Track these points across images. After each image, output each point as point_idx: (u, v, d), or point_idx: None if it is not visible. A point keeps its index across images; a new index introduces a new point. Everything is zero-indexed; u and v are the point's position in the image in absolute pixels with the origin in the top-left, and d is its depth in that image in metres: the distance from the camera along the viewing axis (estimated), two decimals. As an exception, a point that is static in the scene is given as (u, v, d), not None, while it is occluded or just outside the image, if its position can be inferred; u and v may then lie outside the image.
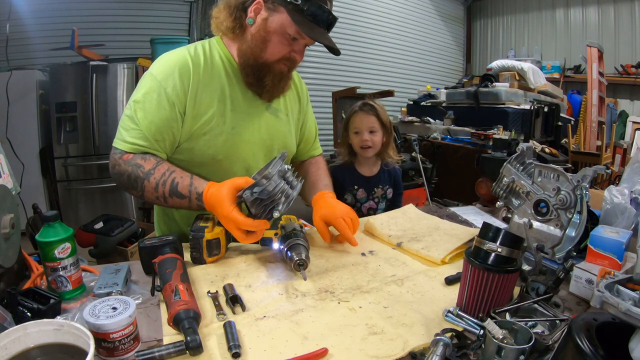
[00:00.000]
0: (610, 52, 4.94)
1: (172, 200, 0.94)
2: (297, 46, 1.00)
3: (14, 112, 3.17)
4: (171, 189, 0.94)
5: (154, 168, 0.95)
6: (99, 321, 0.59)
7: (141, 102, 0.96)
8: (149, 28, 3.94)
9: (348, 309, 0.76)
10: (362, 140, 1.68)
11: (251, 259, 0.97)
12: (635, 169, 1.09)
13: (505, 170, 1.00)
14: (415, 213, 1.30)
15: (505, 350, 0.55)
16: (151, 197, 0.95)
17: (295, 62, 1.03)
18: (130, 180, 0.95)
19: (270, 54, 0.99)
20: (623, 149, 4.47)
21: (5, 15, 3.34)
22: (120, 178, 0.97)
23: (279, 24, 0.96)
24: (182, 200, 0.94)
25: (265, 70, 1.01)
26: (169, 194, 0.94)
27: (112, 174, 0.99)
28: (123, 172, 0.96)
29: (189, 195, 0.93)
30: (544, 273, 0.85)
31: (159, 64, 1.00)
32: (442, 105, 4.75)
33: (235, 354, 0.61)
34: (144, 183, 0.94)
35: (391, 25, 5.61)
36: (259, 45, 0.98)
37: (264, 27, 0.97)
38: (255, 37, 0.98)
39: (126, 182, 0.96)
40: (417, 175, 3.14)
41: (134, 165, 0.95)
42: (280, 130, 1.15)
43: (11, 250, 0.79)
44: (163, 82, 0.96)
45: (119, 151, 0.97)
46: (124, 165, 0.95)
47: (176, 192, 0.93)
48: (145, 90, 0.97)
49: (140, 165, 0.95)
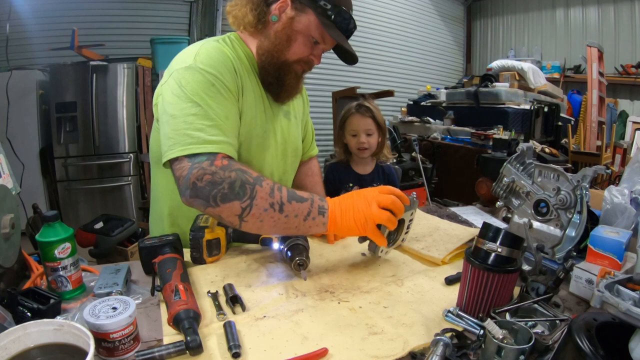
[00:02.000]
0: (610, 52, 4.94)
1: (289, 206, 0.80)
2: (317, 50, 1.00)
3: (14, 112, 3.17)
4: (289, 193, 0.81)
5: (261, 175, 0.82)
6: (99, 321, 0.59)
7: (204, 98, 0.83)
8: (149, 28, 3.94)
9: (348, 309, 0.76)
10: (359, 143, 1.72)
11: (251, 259, 0.97)
12: (635, 169, 1.09)
13: (505, 170, 1.00)
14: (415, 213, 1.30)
15: (505, 350, 0.55)
16: (263, 205, 0.78)
17: (312, 66, 1.03)
18: (234, 188, 0.77)
19: (293, 53, 0.97)
20: (623, 149, 4.47)
21: (5, 15, 3.34)
22: (214, 189, 0.77)
23: (306, 25, 0.94)
24: (302, 205, 0.80)
25: (286, 69, 0.98)
26: (287, 198, 0.80)
27: (198, 188, 0.78)
28: (221, 180, 0.77)
29: (310, 197, 0.82)
30: (544, 273, 0.85)
31: (201, 55, 0.88)
32: (442, 105, 4.75)
33: (235, 354, 0.61)
34: (256, 188, 0.78)
35: (391, 25, 5.61)
36: (283, 43, 0.95)
37: (290, 25, 0.94)
38: (279, 34, 0.95)
39: (225, 192, 0.77)
40: (417, 175, 3.14)
41: (237, 170, 0.79)
42: (292, 134, 1.16)
43: (11, 250, 0.79)
44: (217, 73, 0.87)
45: (204, 157, 0.80)
46: (222, 171, 0.78)
47: (296, 196, 0.81)
48: (200, 85, 0.84)
49: (246, 170, 0.80)
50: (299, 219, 0.80)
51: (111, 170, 3.55)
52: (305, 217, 0.80)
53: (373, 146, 1.73)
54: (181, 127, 0.82)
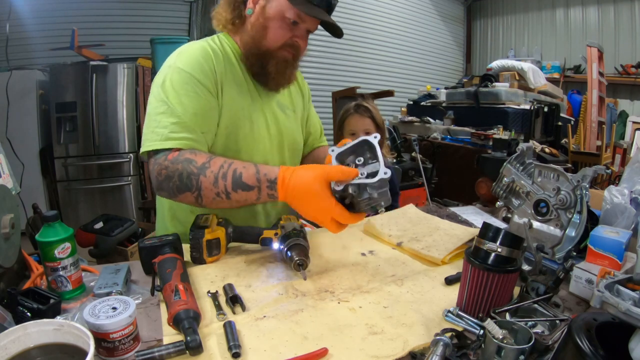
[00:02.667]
0: (610, 52, 4.95)
1: (236, 195, 0.81)
2: (299, 31, 0.98)
3: (14, 112, 3.17)
4: (234, 181, 0.80)
5: (209, 161, 0.83)
6: (99, 321, 0.59)
7: (176, 95, 0.88)
8: (149, 28, 3.94)
9: (348, 309, 0.76)
10: None
11: (251, 259, 0.97)
12: (635, 169, 1.09)
13: (505, 170, 1.00)
14: (415, 213, 1.30)
15: (505, 350, 0.55)
16: (210, 195, 0.82)
17: (299, 49, 1.01)
18: (183, 180, 0.81)
19: (272, 40, 0.97)
20: (623, 149, 4.47)
21: (5, 15, 3.34)
22: (169, 182, 0.83)
23: (277, 9, 0.95)
24: (249, 193, 0.81)
25: (268, 57, 0.99)
26: (232, 187, 0.81)
27: (159, 182, 0.85)
28: (172, 173, 0.82)
29: (258, 185, 0.80)
30: (544, 273, 0.85)
31: (181, 56, 0.95)
32: (442, 105, 4.76)
33: (235, 354, 0.61)
34: (200, 179, 0.81)
35: (391, 25, 5.61)
36: (260, 32, 0.97)
37: (263, 14, 0.96)
38: (254, 25, 0.98)
39: (178, 184, 0.82)
40: (417, 175, 3.14)
41: (183, 161, 0.82)
42: (289, 127, 1.15)
43: (11, 250, 0.79)
44: (193, 72, 0.92)
45: (162, 154, 0.85)
46: (172, 165, 0.82)
47: (241, 184, 0.80)
48: (175, 83, 0.90)
49: (192, 159, 0.82)
50: (249, 202, 0.84)
51: (111, 170, 3.55)
52: (255, 200, 0.83)
53: None
54: (151, 125, 0.89)
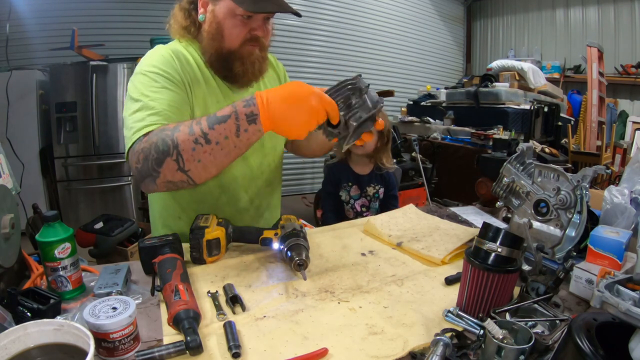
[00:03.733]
0: (610, 52, 4.95)
1: (214, 133, 0.75)
2: (255, 22, 0.96)
3: (14, 112, 3.17)
4: (209, 121, 0.76)
5: (180, 123, 0.80)
6: (99, 321, 0.59)
7: (146, 94, 0.88)
8: (149, 28, 3.93)
9: (348, 309, 0.76)
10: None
11: (251, 259, 0.97)
12: (635, 169, 1.09)
13: (505, 170, 1.00)
14: (416, 213, 1.30)
15: (505, 350, 0.55)
16: (188, 146, 0.76)
17: (261, 40, 0.98)
18: (159, 149, 0.77)
19: (230, 40, 0.96)
20: (623, 149, 4.48)
21: (5, 15, 3.34)
22: (148, 162, 0.79)
23: (226, 9, 0.94)
24: (227, 124, 0.75)
25: (232, 58, 0.98)
26: (207, 126, 0.76)
27: (139, 170, 0.81)
28: (149, 149, 0.78)
29: (233, 110, 0.76)
30: (544, 273, 0.85)
31: (144, 62, 0.95)
32: (442, 105, 4.76)
33: (235, 354, 0.61)
34: (175, 135, 0.77)
35: (391, 25, 5.61)
36: (216, 37, 0.96)
37: (214, 18, 0.95)
38: (209, 31, 0.97)
39: (155, 157, 0.77)
40: (417, 175, 3.14)
41: (157, 132, 0.80)
42: None
43: (11, 250, 0.79)
44: (158, 71, 0.92)
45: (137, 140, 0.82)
46: (146, 144, 0.79)
47: (216, 119, 0.76)
48: (143, 85, 0.90)
49: (164, 127, 0.80)
50: (231, 139, 0.76)
51: (111, 170, 3.55)
52: (236, 133, 0.75)
53: (369, 147, 1.76)
54: (128, 124, 0.86)
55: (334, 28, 5.08)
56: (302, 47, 4.80)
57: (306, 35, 4.81)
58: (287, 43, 4.58)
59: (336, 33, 5.11)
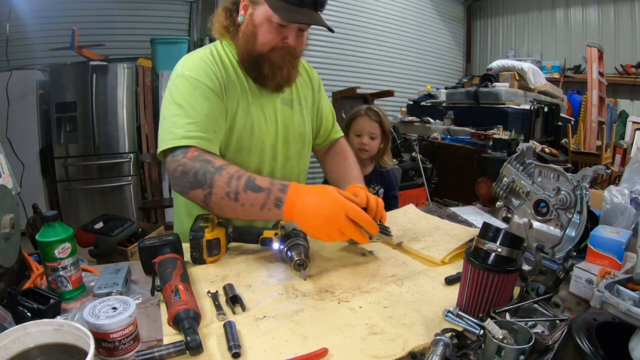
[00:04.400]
0: (610, 52, 4.94)
1: (245, 196, 0.84)
2: (288, 32, 0.99)
3: (14, 112, 3.17)
4: (247, 183, 0.84)
5: (227, 165, 0.88)
6: (99, 321, 0.59)
7: (187, 100, 0.94)
8: (149, 28, 3.94)
9: (348, 309, 0.76)
10: (361, 143, 1.78)
11: (251, 259, 0.97)
12: (635, 169, 1.09)
13: (505, 170, 1.00)
14: (416, 213, 1.30)
15: (505, 350, 0.55)
16: (220, 193, 0.85)
17: (292, 50, 1.02)
18: (198, 177, 0.86)
19: (261, 45, 1.00)
20: (623, 149, 4.47)
21: (5, 15, 3.34)
22: (184, 178, 0.88)
23: (263, 15, 0.97)
24: (257, 195, 0.83)
25: (261, 60, 1.02)
26: (243, 187, 0.84)
27: (175, 178, 0.90)
28: (189, 170, 0.87)
29: (269, 188, 0.83)
30: (544, 273, 0.85)
31: (187, 64, 1.00)
32: (442, 105, 4.75)
33: (235, 354, 0.61)
34: (215, 177, 0.85)
35: (391, 25, 5.61)
36: (250, 39, 1.01)
37: (251, 21, 1.00)
38: (245, 32, 1.01)
39: (192, 181, 0.87)
40: (417, 175, 3.14)
41: (202, 161, 0.88)
42: (295, 120, 1.17)
43: (11, 250, 0.79)
44: (200, 78, 0.97)
45: (180, 151, 0.90)
46: (190, 162, 0.87)
47: (253, 186, 0.84)
48: (185, 90, 0.96)
49: (211, 160, 0.88)
50: (255, 208, 0.84)
51: (111, 170, 3.55)
52: (261, 207, 0.84)
53: (373, 149, 1.80)
54: (167, 127, 0.94)
55: (334, 28, 5.07)
56: (302, 47, 4.80)
57: (306, 35, 4.80)
58: (287, 43, 4.57)
59: (336, 33, 5.08)
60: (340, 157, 1.30)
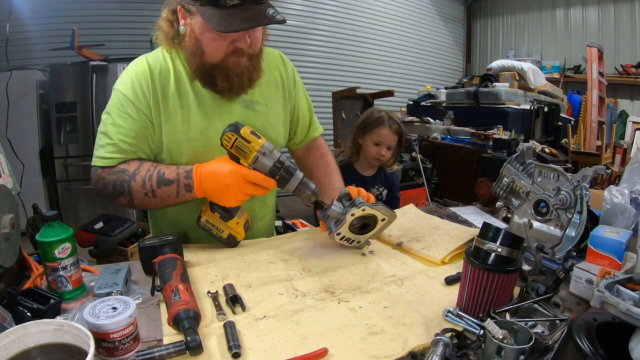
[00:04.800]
0: (610, 52, 4.95)
1: (160, 191, 0.92)
2: (236, 35, 0.89)
3: (14, 112, 3.17)
4: (158, 180, 0.91)
5: (139, 167, 0.94)
6: (99, 321, 0.59)
7: (111, 117, 0.96)
8: (149, 28, 3.89)
9: (348, 309, 0.76)
10: (379, 154, 1.78)
11: (251, 259, 0.97)
12: (635, 169, 1.09)
13: (505, 170, 1.00)
14: (415, 213, 1.30)
15: (505, 350, 0.55)
16: (139, 196, 0.93)
17: (244, 51, 0.92)
18: (117, 188, 0.94)
19: (210, 55, 0.92)
20: (623, 149, 4.48)
21: (5, 15, 3.34)
22: (105, 190, 0.96)
23: (200, 25, 0.89)
24: (170, 188, 0.91)
25: (215, 71, 0.93)
26: (156, 185, 0.91)
27: (97, 189, 0.97)
28: (108, 183, 0.95)
29: (177, 178, 0.90)
30: (544, 273, 0.85)
31: (122, 78, 0.98)
32: (442, 105, 4.76)
33: (235, 354, 0.61)
34: (131, 184, 0.92)
35: (391, 25, 5.61)
36: (196, 51, 0.92)
37: (192, 32, 0.91)
38: (189, 46, 0.93)
39: (112, 192, 0.94)
40: (417, 175, 3.14)
41: (117, 172, 0.94)
42: (259, 123, 1.05)
43: (11, 250, 0.79)
44: (126, 92, 0.95)
45: (99, 168, 0.96)
46: (108, 176, 0.95)
47: (164, 181, 0.91)
48: (112, 104, 0.97)
49: (124, 169, 0.94)
50: (172, 198, 0.93)
51: (111, 170, 3.55)
52: (176, 195, 0.92)
53: (388, 159, 1.82)
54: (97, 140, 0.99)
55: (334, 28, 5.08)
56: (302, 47, 4.81)
57: (306, 35, 4.81)
58: (287, 43, 4.58)
59: (336, 33, 5.11)
60: (322, 163, 1.23)
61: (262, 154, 0.88)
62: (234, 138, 0.87)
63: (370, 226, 0.99)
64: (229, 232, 0.99)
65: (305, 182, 0.92)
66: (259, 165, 0.89)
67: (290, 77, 1.15)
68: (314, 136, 1.27)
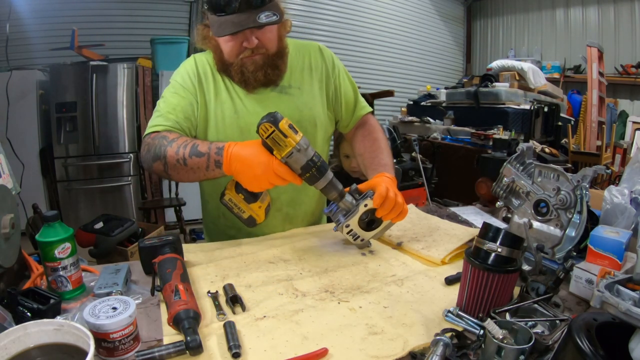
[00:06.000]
0: (610, 52, 4.95)
1: (191, 161, 0.95)
2: (243, 36, 1.01)
3: (14, 112, 3.18)
4: (191, 150, 0.95)
5: (178, 137, 1.00)
6: (99, 321, 0.59)
7: (164, 97, 1.10)
8: (149, 28, 3.94)
9: (348, 309, 0.76)
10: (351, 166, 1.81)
11: (251, 259, 0.97)
12: (635, 169, 1.09)
13: (505, 170, 1.00)
14: (415, 213, 1.30)
15: (505, 350, 0.55)
16: (172, 162, 0.96)
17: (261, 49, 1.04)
18: (155, 151, 0.99)
19: (227, 55, 1.07)
20: (623, 149, 4.48)
21: (5, 15, 3.34)
22: (148, 155, 1.01)
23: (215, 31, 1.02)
24: (200, 159, 0.93)
25: (231, 69, 1.08)
26: (189, 154, 0.95)
27: (143, 156, 1.04)
28: (150, 147, 1.01)
29: (208, 152, 0.93)
30: (544, 273, 0.85)
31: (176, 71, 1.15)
32: (442, 105, 4.75)
33: (235, 354, 0.61)
34: (167, 149, 0.97)
35: (391, 25, 5.61)
36: (217, 51, 1.09)
37: (212, 37, 1.06)
38: (213, 45, 1.09)
39: (152, 155, 0.99)
40: (417, 175, 3.14)
41: (160, 137, 1.01)
42: (293, 104, 1.15)
43: (11, 250, 0.79)
44: (177, 79, 1.11)
45: (147, 135, 1.05)
46: (152, 141, 1.01)
47: (196, 152, 0.94)
48: (166, 90, 1.12)
49: (165, 136, 1.01)
50: (201, 170, 0.95)
51: (111, 170, 3.56)
52: (205, 168, 0.94)
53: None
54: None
55: (334, 28, 5.08)
56: (302, 47, 4.80)
57: (306, 35, 4.81)
58: (287, 43, 4.58)
59: (336, 33, 5.11)
60: (369, 140, 1.26)
61: (297, 150, 0.86)
62: (271, 130, 0.85)
63: (376, 223, 1.00)
64: (249, 214, 0.97)
65: (333, 183, 0.93)
66: (291, 160, 0.87)
67: (329, 62, 1.25)
68: (361, 114, 1.31)
